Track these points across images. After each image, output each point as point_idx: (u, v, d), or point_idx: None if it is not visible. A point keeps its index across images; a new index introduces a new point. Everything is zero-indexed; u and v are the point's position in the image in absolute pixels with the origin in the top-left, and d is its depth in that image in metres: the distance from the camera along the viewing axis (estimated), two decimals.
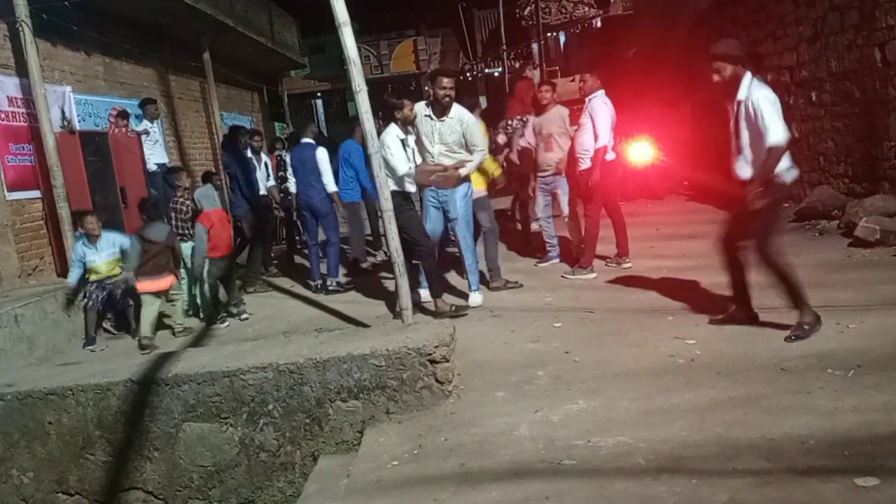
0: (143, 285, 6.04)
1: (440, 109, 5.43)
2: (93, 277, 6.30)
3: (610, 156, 6.13)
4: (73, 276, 6.36)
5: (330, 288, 7.03)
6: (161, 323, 6.44)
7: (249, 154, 8.09)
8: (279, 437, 3.94)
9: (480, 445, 3.23)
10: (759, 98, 3.86)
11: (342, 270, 7.48)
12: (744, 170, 4.02)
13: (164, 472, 4.09)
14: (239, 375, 3.93)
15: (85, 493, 4.23)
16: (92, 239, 6.29)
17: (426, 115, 5.48)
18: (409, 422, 3.69)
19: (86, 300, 6.31)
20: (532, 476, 2.87)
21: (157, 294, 6.12)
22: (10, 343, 5.83)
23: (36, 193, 7.75)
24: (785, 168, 3.94)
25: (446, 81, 5.42)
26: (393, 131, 5.40)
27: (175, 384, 4.01)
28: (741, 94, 3.96)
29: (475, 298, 5.64)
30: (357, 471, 3.27)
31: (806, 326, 3.94)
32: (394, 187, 5.16)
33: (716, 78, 4.03)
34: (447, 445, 3.30)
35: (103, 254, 6.32)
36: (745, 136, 3.98)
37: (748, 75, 3.97)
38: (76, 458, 4.19)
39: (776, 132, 3.80)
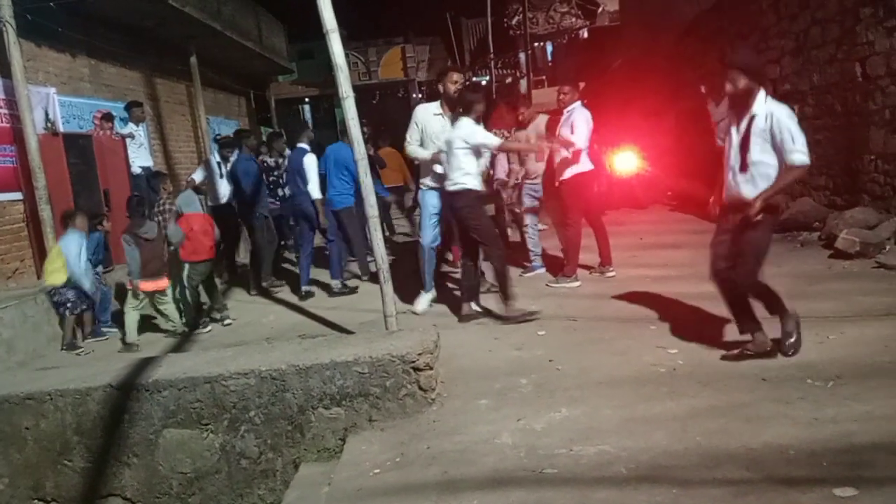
0: (147, 285, 6.13)
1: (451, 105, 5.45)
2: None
3: (587, 166, 6.21)
4: (89, 282, 6.29)
5: (335, 290, 6.97)
6: (154, 326, 6.45)
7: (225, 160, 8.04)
8: (260, 444, 3.91)
9: (463, 453, 3.22)
10: (782, 116, 3.68)
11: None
12: (746, 187, 3.78)
13: (144, 479, 4.04)
14: (220, 381, 3.90)
15: (62, 500, 4.16)
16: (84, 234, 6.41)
17: (436, 115, 5.54)
18: (392, 429, 3.67)
19: (61, 307, 6.25)
20: (514, 484, 2.87)
21: (149, 294, 6.20)
22: None
23: (17, 195, 7.68)
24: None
25: (457, 76, 5.55)
26: (468, 122, 5.22)
27: (155, 390, 3.97)
28: (756, 109, 3.75)
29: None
30: (339, 478, 3.25)
31: (791, 331, 3.87)
32: (467, 185, 5.14)
33: (728, 87, 3.82)
34: (430, 453, 3.29)
35: (91, 249, 6.45)
36: (755, 152, 3.75)
37: (763, 91, 3.79)
38: (54, 465, 4.13)
39: (804, 153, 3.63)
